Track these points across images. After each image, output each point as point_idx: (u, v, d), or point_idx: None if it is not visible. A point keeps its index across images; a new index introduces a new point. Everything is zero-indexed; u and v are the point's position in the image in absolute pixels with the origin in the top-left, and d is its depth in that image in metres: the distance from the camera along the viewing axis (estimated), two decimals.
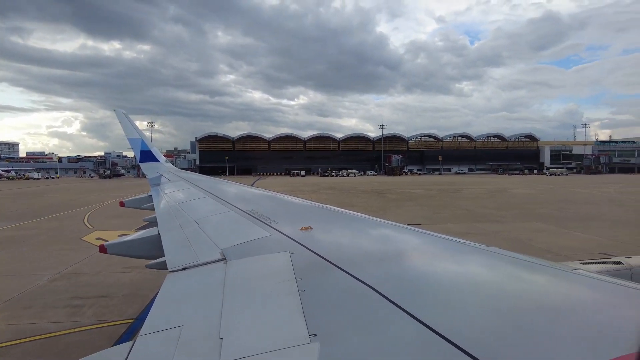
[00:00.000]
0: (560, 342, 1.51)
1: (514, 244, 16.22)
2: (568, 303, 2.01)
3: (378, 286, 2.03)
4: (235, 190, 8.15)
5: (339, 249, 3.13)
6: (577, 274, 2.39)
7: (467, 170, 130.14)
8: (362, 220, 4.27)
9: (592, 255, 13.43)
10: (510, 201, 35.25)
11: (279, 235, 3.50)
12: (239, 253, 3.10)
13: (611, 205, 31.46)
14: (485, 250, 2.90)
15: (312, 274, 2.42)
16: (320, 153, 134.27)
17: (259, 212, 4.64)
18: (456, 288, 2.17)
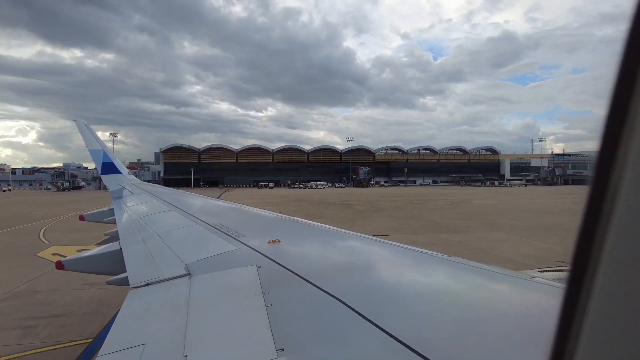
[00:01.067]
0: (520, 348, 1.58)
1: (476, 253, 16.75)
2: (527, 310, 2.10)
3: (346, 298, 2.05)
4: (201, 203, 7.99)
5: (307, 262, 3.13)
6: (536, 282, 2.51)
7: (432, 182, 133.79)
8: (330, 233, 4.29)
9: (551, 263, 14.08)
10: (472, 212, 36.47)
11: (246, 248, 3.45)
12: (204, 268, 3.03)
13: (566, 215, 33.20)
14: (448, 260, 2.99)
15: (280, 287, 2.41)
16: (289, 165, 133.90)
17: (226, 225, 4.56)
18: (422, 298, 2.23)
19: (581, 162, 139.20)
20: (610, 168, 0.50)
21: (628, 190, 0.49)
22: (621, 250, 0.50)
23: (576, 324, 0.56)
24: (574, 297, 0.55)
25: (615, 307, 0.50)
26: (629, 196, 0.49)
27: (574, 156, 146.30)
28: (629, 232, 0.50)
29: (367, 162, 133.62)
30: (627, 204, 0.50)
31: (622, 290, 0.50)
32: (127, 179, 12.95)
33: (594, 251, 0.53)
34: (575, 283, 0.55)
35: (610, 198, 0.52)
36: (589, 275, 0.53)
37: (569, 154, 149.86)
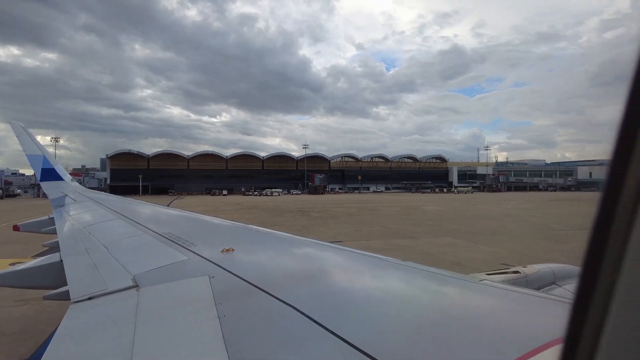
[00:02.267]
0: (470, 348, 1.66)
1: (427, 257, 17.35)
2: (476, 311, 2.21)
3: (301, 307, 2.04)
4: (150, 211, 7.66)
5: (262, 271, 3.09)
6: (484, 284, 2.65)
7: (384, 188, 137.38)
8: (285, 240, 4.27)
9: (495, 266, 14.86)
10: (423, 218, 37.85)
11: (197, 258, 3.35)
12: (153, 279, 2.90)
13: (510, 220, 35.42)
14: (401, 265, 3.08)
15: (234, 298, 2.35)
16: (243, 172, 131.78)
17: (176, 234, 4.40)
18: (377, 303, 2.26)
19: (522, 169, 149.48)
20: (624, 174, 0.51)
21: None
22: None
23: (589, 329, 0.55)
24: (587, 304, 0.55)
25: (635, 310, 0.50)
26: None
27: (516, 164, 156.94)
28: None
29: (322, 169, 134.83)
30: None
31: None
32: (70, 186, 12.13)
33: (608, 256, 0.53)
34: (588, 289, 0.55)
35: (625, 203, 0.51)
36: (603, 280, 0.53)
37: (512, 162, 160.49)
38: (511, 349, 1.54)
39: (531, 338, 1.60)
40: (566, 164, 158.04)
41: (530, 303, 2.27)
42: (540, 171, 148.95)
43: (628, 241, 0.50)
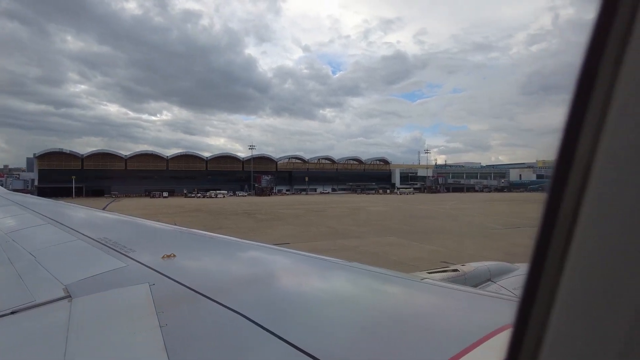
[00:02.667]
0: (412, 345, 1.74)
1: (371, 257, 17.85)
2: (419, 309, 2.33)
3: (247, 312, 2.01)
4: (84, 215, 7.14)
5: (206, 276, 3.02)
6: (425, 283, 2.80)
7: (331, 190, 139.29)
8: (230, 244, 4.20)
9: (436, 264, 15.66)
10: (367, 218, 38.89)
11: (136, 265, 3.19)
12: (87, 288, 2.71)
13: (448, 219, 37.49)
14: (347, 266, 3.16)
15: (176, 306, 2.27)
16: (186, 173, 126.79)
17: (113, 239, 4.15)
18: (323, 305, 2.30)
19: (459, 171, 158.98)
20: (567, 174, 0.54)
21: (592, 193, 0.52)
22: (584, 253, 0.53)
23: (534, 326, 0.58)
24: (532, 300, 0.59)
25: (576, 308, 0.53)
26: (594, 199, 0.52)
27: (454, 166, 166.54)
28: (590, 235, 0.52)
29: (269, 170, 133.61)
30: (589, 209, 0.52)
31: (584, 292, 0.53)
32: None
33: (551, 255, 0.56)
34: (533, 286, 0.58)
35: (568, 202, 0.55)
36: (547, 278, 0.56)
37: (450, 165, 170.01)
38: (451, 344, 1.62)
39: (470, 333, 1.70)
40: (499, 166, 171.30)
41: (468, 300, 2.44)
42: (476, 173, 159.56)
43: (571, 239, 0.53)
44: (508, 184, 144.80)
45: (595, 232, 0.52)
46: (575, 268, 0.54)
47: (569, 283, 0.54)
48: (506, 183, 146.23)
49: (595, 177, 0.51)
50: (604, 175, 0.51)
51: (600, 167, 0.52)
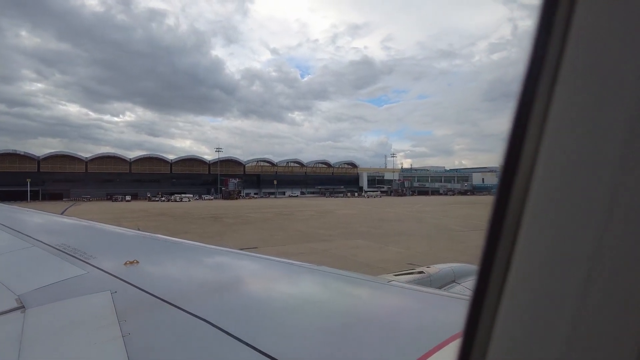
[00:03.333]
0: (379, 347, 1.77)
1: (340, 260, 17.96)
2: (386, 311, 2.36)
3: (214, 319, 1.98)
4: (40, 220, 6.77)
5: (171, 283, 2.95)
6: (392, 285, 2.85)
7: (299, 193, 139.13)
8: (196, 249, 4.11)
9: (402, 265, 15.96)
10: (336, 221, 39.13)
11: (97, 272, 3.06)
12: (43, 298, 2.57)
13: (414, 222, 38.35)
14: (315, 269, 3.17)
15: (139, 314, 2.19)
16: (149, 176, 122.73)
17: (72, 246, 3.96)
18: (291, 310, 2.29)
19: (425, 175, 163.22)
20: (513, 177, 0.57)
21: (535, 196, 0.54)
22: (527, 253, 0.55)
23: (484, 326, 0.60)
24: (481, 300, 0.60)
25: (520, 307, 0.55)
26: (536, 201, 0.54)
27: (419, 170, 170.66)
28: (533, 237, 0.55)
29: (237, 173, 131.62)
30: (533, 210, 0.55)
31: (527, 292, 0.55)
32: None
33: (499, 255, 0.58)
34: (482, 286, 0.60)
35: (514, 203, 0.57)
36: (495, 278, 0.58)
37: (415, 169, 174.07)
38: (417, 346, 1.66)
39: (434, 334, 1.75)
40: (463, 170, 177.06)
41: (434, 301, 2.51)
42: (440, 177, 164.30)
43: (516, 241, 0.56)
44: (471, 188, 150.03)
45: (537, 234, 0.54)
46: (519, 269, 0.56)
47: (514, 283, 0.56)
48: (469, 186, 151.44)
49: (537, 180, 0.54)
50: (545, 179, 0.53)
51: (541, 171, 0.54)
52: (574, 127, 0.51)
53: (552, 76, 0.52)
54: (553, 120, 0.52)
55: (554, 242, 0.53)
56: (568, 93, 0.51)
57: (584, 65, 0.50)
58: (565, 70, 0.51)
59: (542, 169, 0.54)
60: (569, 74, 0.51)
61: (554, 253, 0.53)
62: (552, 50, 0.52)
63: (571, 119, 0.51)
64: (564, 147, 0.52)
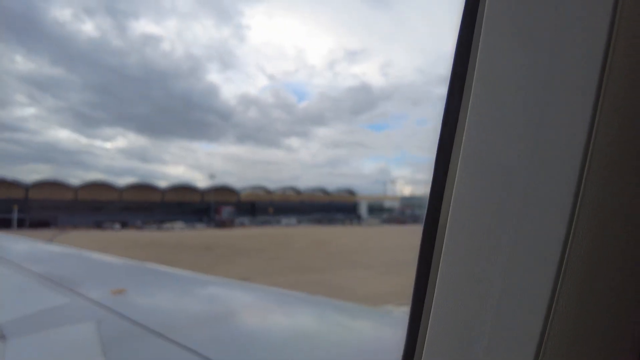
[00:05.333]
0: None
1: (338, 292, 17.51)
2: (388, 345, 2.21)
3: (204, 351, 1.89)
4: (25, 247, 6.59)
5: (160, 313, 2.82)
6: (392, 316, 2.71)
7: (296, 221, 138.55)
8: (187, 278, 3.98)
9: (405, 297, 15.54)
10: (334, 251, 38.73)
11: (82, 301, 2.93)
12: (25, 328, 2.44)
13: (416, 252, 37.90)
14: (311, 300, 3.04)
15: (126, 345, 2.13)
16: (140, 204, 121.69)
17: (57, 274, 3.84)
18: (285, 342, 2.20)
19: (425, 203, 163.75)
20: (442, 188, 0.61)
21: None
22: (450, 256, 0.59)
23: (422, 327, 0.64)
24: (420, 304, 0.65)
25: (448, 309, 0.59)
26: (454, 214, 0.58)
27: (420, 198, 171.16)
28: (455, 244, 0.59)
29: (231, 201, 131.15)
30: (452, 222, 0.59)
31: (453, 296, 0.59)
32: None
33: (433, 260, 0.64)
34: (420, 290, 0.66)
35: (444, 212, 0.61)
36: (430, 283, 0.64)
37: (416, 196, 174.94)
38: None
39: None
40: None
41: None
42: None
43: (442, 246, 0.61)
44: None
45: (458, 240, 0.58)
46: (444, 272, 0.60)
47: (441, 288, 0.60)
48: None
49: (457, 187, 0.57)
50: (462, 186, 0.57)
51: (460, 176, 0.58)
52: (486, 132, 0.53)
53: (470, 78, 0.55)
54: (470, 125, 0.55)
55: (474, 246, 0.55)
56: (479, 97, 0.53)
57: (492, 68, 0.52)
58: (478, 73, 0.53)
59: (460, 174, 0.57)
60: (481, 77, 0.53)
61: (474, 257, 0.55)
62: (472, 53, 0.55)
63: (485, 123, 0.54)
64: (478, 153, 0.54)
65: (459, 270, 0.57)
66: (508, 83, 0.51)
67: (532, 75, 0.50)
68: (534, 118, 0.50)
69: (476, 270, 0.55)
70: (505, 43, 0.51)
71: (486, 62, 0.52)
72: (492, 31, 0.52)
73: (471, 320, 0.55)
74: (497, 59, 0.52)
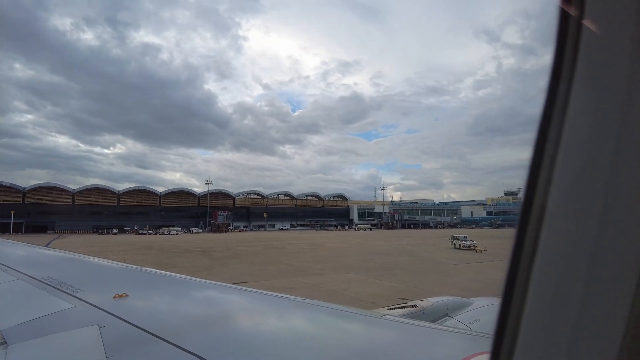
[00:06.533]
0: None
1: (331, 295, 17.64)
2: (381, 345, 2.34)
3: (205, 353, 1.95)
4: (24, 252, 6.60)
5: (161, 317, 2.89)
6: (386, 319, 2.83)
7: (290, 226, 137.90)
8: (185, 283, 4.05)
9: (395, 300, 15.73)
10: (326, 255, 38.69)
11: (85, 306, 2.98)
12: (27, 334, 2.48)
13: (405, 255, 38.12)
14: (307, 303, 3.14)
15: (128, 349, 2.15)
16: (138, 208, 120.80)
17: (58, 279, 3.86)
18: (282, 344, 2.26)
19: (414, 208, 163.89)
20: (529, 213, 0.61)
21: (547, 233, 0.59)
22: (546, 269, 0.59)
23: (508, 337, 0.63)
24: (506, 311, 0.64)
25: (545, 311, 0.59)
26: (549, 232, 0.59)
27: (409, 203, 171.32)
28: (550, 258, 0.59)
29: (226, 206, 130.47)
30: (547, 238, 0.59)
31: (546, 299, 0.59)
32: None
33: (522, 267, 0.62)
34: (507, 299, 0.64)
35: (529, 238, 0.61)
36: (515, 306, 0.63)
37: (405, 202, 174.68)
38: None
39: None
40: (451, 203, 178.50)
41: (428, 335, 2.49)
42: (430, 210, 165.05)
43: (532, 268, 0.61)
44: (460, 221, 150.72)
45: (551, 267, 0.58)
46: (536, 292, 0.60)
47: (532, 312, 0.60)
48: (458, 220, 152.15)
49: (550, 213, 0.58)
50: (555, 212, 0.57)
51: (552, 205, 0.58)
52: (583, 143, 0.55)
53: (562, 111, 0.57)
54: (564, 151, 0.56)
55: (563, 249, 0.56)
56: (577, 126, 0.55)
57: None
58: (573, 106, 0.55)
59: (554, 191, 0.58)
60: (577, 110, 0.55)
61: (563, 260, 0.56)
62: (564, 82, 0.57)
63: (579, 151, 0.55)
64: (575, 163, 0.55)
65: (549, 272, 0.57)
66: (610, 82, 0.51)
67: (634, 74, 0.50)
68: (632, 121, 0.50)
69: (564, 273, 0.55)
70: (609, 37, 0.52)
71: (588, 66, 0.53)
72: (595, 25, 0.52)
73: (557, 321, 0.55)
74: (600, 60, 0.52)
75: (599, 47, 0.53)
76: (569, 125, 0.57)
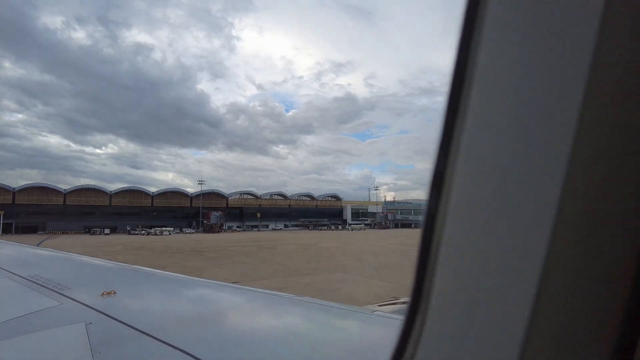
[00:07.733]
0: None
1: (323, 294, 17.64)
2: (369, 341, 2.35)
3: (194, 351, 1.94)
4: (11, 251, 6.51)
5: (150, 314, 2.88)
6: (376, 315, 2.84)
7: (283, 226, 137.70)
8: (176, 281, 4.03)
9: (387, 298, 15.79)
10: (320, 254, 38.71)
11: (71, 303, 2.95)
12: (11, 331, 2.45)
13: (397, 255, 38.23)
14: (297, 300, 3.14)
15: (115, 346, 2.12)
16: (130, 209, 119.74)
17: (45, 277, 3.82)
18: (273, 341, 2.25)
19: (407, 208, 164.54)
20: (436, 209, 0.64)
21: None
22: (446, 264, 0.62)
23: (417, 326, 0.66)
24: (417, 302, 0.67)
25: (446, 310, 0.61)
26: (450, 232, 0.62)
27: (402, 203, 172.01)
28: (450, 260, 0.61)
29: (219, 206, 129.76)
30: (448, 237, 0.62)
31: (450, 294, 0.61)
32: None
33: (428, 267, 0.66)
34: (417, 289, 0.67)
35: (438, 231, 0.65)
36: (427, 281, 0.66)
37: (398, 202, 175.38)
38: None
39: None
40: None
41: None
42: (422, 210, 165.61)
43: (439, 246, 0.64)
44: None
45: (456, 239, 0.61)
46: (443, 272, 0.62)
47: (440, 285, 0.62)
48: None
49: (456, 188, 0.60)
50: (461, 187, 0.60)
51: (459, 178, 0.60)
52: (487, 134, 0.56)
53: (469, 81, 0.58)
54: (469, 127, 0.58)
55: (471, 245, 0.57)
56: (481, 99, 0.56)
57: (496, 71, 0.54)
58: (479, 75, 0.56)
59: (459, 176, 0.59)
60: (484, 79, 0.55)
61: (471, 255, 0.57)
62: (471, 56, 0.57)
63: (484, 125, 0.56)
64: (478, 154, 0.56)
65: (454, 269, 0.59)
66: (505, 84, 0.53)
67: (526, 76, 0.51)
68: (524, 119, 0.52)
69: (469, 270, 0.57)
70: (505, 45, 0.53)
71: (485, 65, 0.54)
72: (492, 33, 0.53)
73: (463, 318, 0.57)
74: (496, 60, 0.54)
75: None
76: (469, 125, 0.58)
